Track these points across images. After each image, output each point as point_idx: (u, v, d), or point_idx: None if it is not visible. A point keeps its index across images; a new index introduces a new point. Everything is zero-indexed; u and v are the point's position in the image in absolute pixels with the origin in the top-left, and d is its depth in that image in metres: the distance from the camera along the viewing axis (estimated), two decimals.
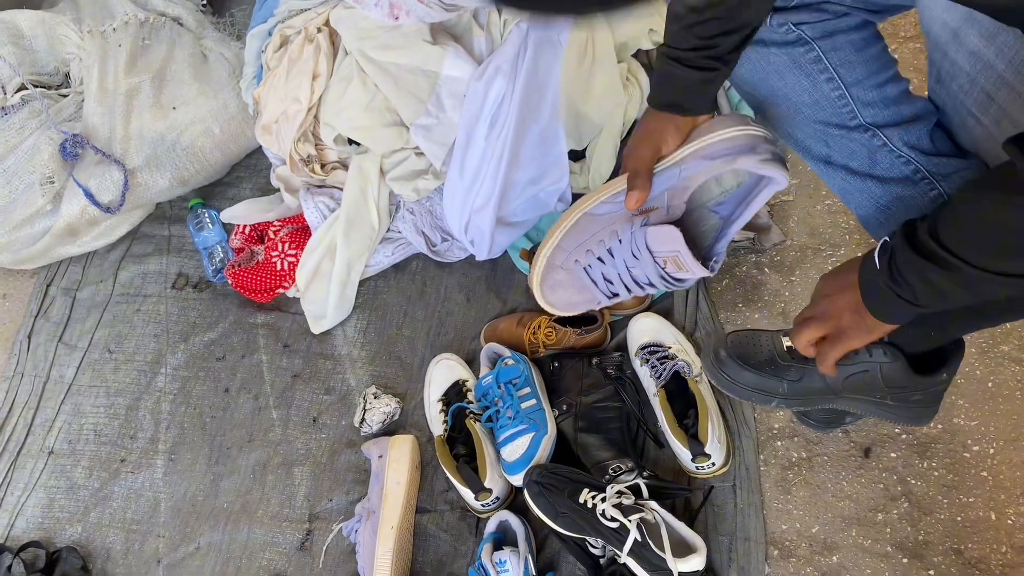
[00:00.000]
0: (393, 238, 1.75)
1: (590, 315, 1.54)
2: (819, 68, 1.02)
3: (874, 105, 1.01)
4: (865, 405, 1.14)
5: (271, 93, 1.71)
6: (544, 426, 1.42)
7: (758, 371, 1.13)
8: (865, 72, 1.00)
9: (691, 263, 1.04)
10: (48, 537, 1.62)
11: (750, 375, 1.13)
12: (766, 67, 1.06)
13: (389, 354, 1.68)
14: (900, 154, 1.02)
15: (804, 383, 1.12)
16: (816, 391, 1.13)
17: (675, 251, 1.04)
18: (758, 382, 1.13)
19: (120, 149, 1.82)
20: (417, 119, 1.64)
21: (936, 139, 1.02)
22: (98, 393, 1.76)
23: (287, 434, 1.63)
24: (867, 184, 1.05)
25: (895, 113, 1.02)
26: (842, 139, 1.04)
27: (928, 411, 1.16)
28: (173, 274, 1.88)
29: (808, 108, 1.04)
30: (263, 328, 1.76)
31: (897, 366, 1.07)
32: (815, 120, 1.05)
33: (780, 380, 1.12)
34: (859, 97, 1.01)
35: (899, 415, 1.16)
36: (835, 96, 1.02)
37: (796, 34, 1.02)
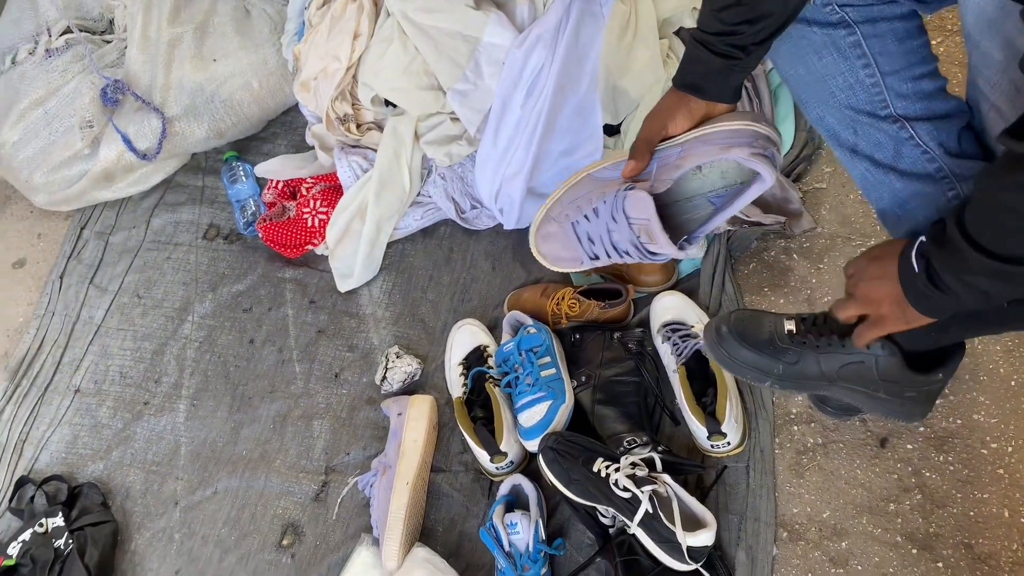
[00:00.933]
0: (423, 202, 1.77)
1: (614, 289, 1.55)
2: (857, 53, 1.02)
3: (907, 97, 1.01)
4: (858, 396, 1.16)
5: (312, 50, 1.72)
6: (562, 395, 1.43)
7: (756, 350, 1.16)
8: (903, 63, 1.00)
9: (659, 234, 1.06)
10: (70, 472, 1.66)
11: (748, 353, 1.16)
12: (806, 46, 1.06)
13: (413, 316, 1.69)
14: (925, 150, 1.02)
15: (799, 367, 1.15)
16: (811, 376, 1.15)
17: (646, 219, 1.06)
18: (755, 360, 1.16)
19: (159, 97, 1.84)
20: (454, 84, 1.64)
21: (964, 140, 1.02)
22: (125, 336, 1.79)
23: (309, 387, 1.65)
24: (889, 177, 1.05)
25: (927, 108, 1.01)
26: (870, 128, 1.04)
27: (920, 409, 1.17)
28: (205, 224, 1.90)
29: (842, 92, 1.04)
30: (291, 283, 1.78)
31: (893, 361, 1.09)
32: (847, 105, 1.05)
33: (777, 361, 1.15)
34: (893, 87, 1.01)
35: (891, 410, 1.17)
36: (870, 83, 1.02)
37: (839, 16, 1.02)
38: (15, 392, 1.76)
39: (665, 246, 1.07)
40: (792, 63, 1.10)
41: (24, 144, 1.84)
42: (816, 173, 1.67)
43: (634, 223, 1.08)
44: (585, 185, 1.16)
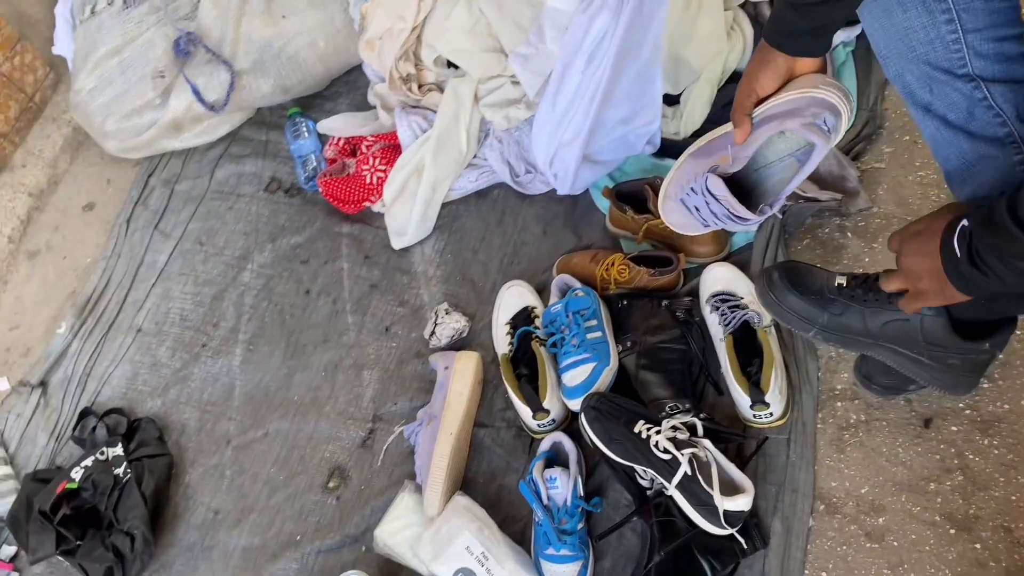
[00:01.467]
0: (478, 165, 1.79)
1: (665, 257, 1.56)
2: (942, 7, 1.01)
3: (987, 57, 1.00)
4: (900, 358, 1.17)
5: (378, 9, 1.75)
6: (607, 357, 1.45)
7: (804, 298, 1.19)
8: (987, 22, 0.99)
9: (738, 207, 1.13)
10: (130, 407, 1.74)
11: (796, 299, 1.19)
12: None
13: (463, 276, 1.73)
14: (998, 113, 1.01)
15: (844, 319, 1.17)
16: (854, 330, 1.17)
17: (725, 197, 1.13)
18: (802, 308, 1.19)
19: (229, 51, 1.89)
20: (517, 47, 1.66)
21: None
22: (187, 281, 1.86)
23: (360, 339, 1.70)
24: (958, 138, 1.05)
25: (1005, 71, 1.00)
26: (946, 86, 1.03)
27: (965, 380, 1.17)
28: (267, 177, 1.95)
29: (922, 47, 1.04)
30: (347, 238, 1.83)
31: (939, 323, 1.09)
32: (926, 61, 1.04)
33: (823, 311, 1.18)
34: (974, 45, 1.00)
35: (935, 377, 1.18)
36: (951, 39, 1.01)
37: None
38: (81, 328, 1.85)
39: (745, 213, 1.13)
40: (877, 16, 1.09)
41: (99, 91, 1.91)
42: (875, 152, 1.66)
43: (721, 199, 1.15)
44: (687, 167, 1.22)
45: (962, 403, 1.39)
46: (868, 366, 1.42)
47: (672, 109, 1.70)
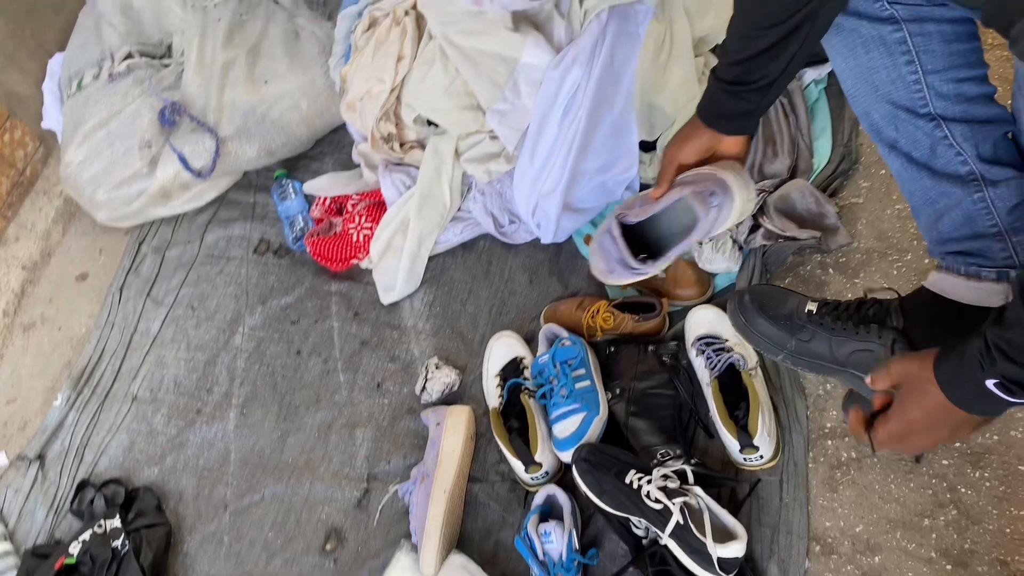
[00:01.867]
0: (463, 217, 1.82)
1: (649, 303, 1.57)
2: (902, 49, 1.04)
3: (947, 98, 1.03)
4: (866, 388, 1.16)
5: (358, 72, 1.79)
6: (596, 407, 1.46)
7: (774, 322, 1.21)
8: (947, 64, 1.01)
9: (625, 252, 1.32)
10: (127, 476, 1.74)
11: (765, 324, 1.21)
12: (856, 39, 1.08)
13: (452, 328, 1.74)
14: (959, 151, 1.03)
15: (811, 345, 1.18)
16: (821, 356, 1.18)
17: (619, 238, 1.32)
18: (771, 332, 1.21)
19: (214, 118, 1.93)
20: (494, 104, 1.69)
21: (1000, 146, 1.03)
22: (180, 347, 1.88)
23: (352, 397, 1.71)
24: (922, 175, 1.07)
25: (965, 111, 1.03)
26: (909, 125, 1.06)
27: None
28: (256, 239, 1.98)
29: (885, 86, 1.07)
30: (336, 296, 1.84)
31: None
32: (889, 100, 1.07)
33: (791, 336, 1.19)
34: (934, 86, 1.03)
35: None
36: (911, 79, 1.04)
37: (889, 12, 1.04)
38: (77, 399, 1.86)
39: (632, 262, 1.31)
40: (843, 56, 1.13)
41: (88, 164, 1.95)
42: (853, 188, 1.68)
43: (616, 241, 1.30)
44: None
45: None
46: (855, 404, 1.42)
47: (649, 155, 1.72)
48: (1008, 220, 1.02)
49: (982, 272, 1.05)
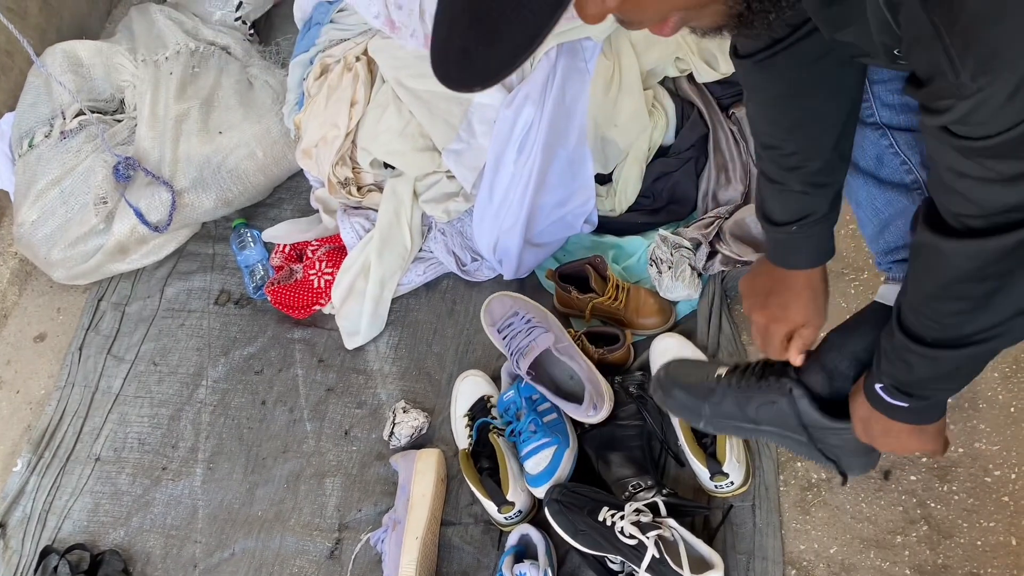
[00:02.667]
0: (425, 258, 1.81)
1: (613, 334, 1.58)
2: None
3: (893, 108, 1.04)
4: (785, 441, 1.17)
5: (311, 119, 1.79)
6: (567, 439, 1.45)
7: (687, 392, 1.23)
8: (893, 74, 1.02)
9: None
10: (92, 540, 1.70)
11: (680, 393, 1.24)
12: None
13: (419, 370, 1.73)
14: (904, 160, 1.05)
15: (723, 407, 1.19)
16: (735, 416, 1.18)
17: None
18: (686, 400, 1.24)
19: (169, 171, 1.91)
20: (449, 144, 1.70)
21: None
22: (143, 404, 1.84)
23: (320, 446, 1.69)
24: (868, 183, 1.09)
25: (910, 120, 1.04)
26: (856, 134, 1.07)
27: (856, 461, 1.15)
28: (216, 291, 1.96)
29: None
30: (299, 343, 1.83)
31: (804, 403, 1.10)
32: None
33: (704, 402, 1.21)
34: (880, 95, 1.04)
35: (819, 459, 1.16)
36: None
37: None
38: (38, 463, 1.81)
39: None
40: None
41: (42, 223, 1.92)
42: None
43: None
44: None
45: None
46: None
47: (606, 187, 1.74)
48: None
49: None
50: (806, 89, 0.97)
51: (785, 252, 1.11)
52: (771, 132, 1.03)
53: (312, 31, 1.87)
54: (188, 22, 2.15)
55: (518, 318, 1.55)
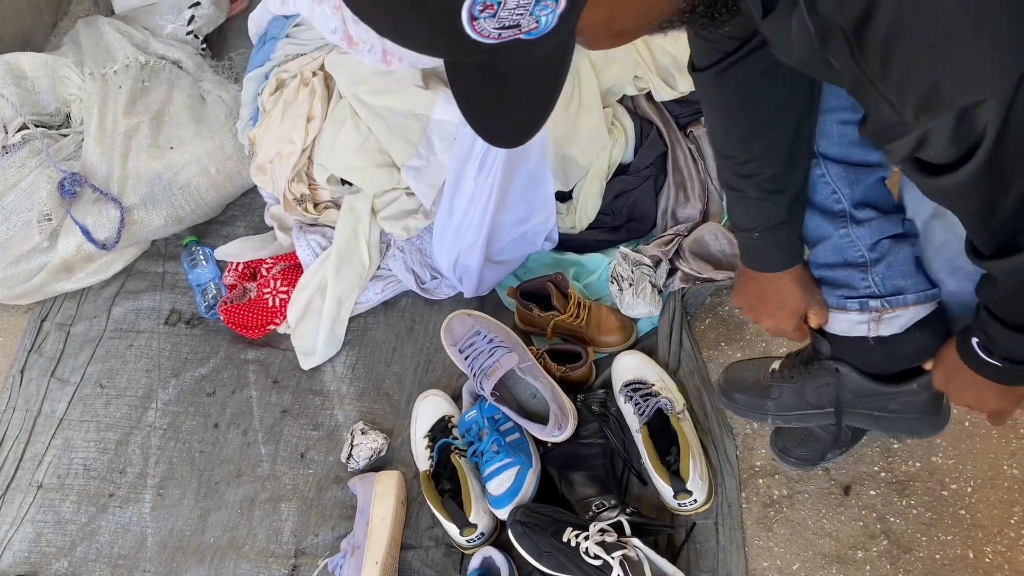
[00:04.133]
0: (383, 276, 1.79)
1: (575, 352, 1.57)
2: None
3: (829, 137, 1.07)
4: (853, 418, 1.23)
5: (266, 134, 1.75)
6: (529, 458, 1.44)
7: (748, 393, 1.29)
8: (833, 105, 1.05)
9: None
10: (34, 572, 1.62)
11: (742, 396, 1.30)
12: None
13: (377, 390, 1.70)
14: (834, 190, 1.08)
15: (784, 399, 1.24)
16: (799, 406, 1.24)
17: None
18: (749, 402, 1.30)
19: (117, 188, 1.86)
20: (408, 160, 1.68)
21: (873, 191, 1.08)
22: (89, 428, 1.78)
23: (275, 469, 1.64)
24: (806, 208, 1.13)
25: (844, 152, 1.07)
26: None
27: (921, 421, 1.21)
28: (166, 310, 1.90)
29: None
30: (253, 364, 1.78)
31: (853, 377, 1.15)
32: None
33: (765, 399, 1.27)
34: (821, 124, 1.07)
35: (889, 427, 1.24)
36: None
37: None
38: None
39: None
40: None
41: None
42: None
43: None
44: None
45: (877, 466, 1.42)
46: (783, 439, 1.44)
47: (566, 205, 1.74)
48: (871, 255, 1.08)
49: (847, 304, 1.11)
50: (758, 100, 1.01)
51: (756, 257, 1.15)
52: (727, 142, 1.08)
53: (267, 45, 1.84)
54: (138, 35, 2.10)
55: (480, 337, 1.53)
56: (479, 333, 1.55)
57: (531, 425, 1.44)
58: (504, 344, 1.51)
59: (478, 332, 1.55)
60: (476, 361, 1.50)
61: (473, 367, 1.50)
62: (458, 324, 1.59)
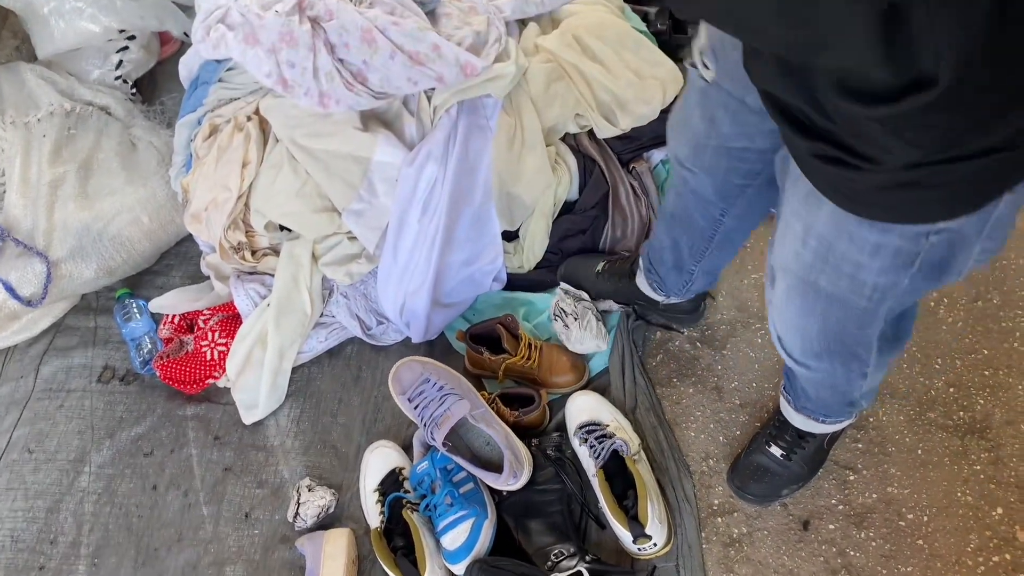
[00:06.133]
0: (327, 323, 1.73)
1: (528, 395, 1.53)
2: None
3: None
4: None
5: (201, 181, 1.70)
6: (485, 510, 1.39)
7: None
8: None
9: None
10: None
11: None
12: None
13: (324, 443, 1.64)
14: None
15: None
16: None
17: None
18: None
19: (43, 241, 1.77)
20: (349, 204, 1.64)
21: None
22: (15, 496, 1.67)
23: (218, 531, 1.56)
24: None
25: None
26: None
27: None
28: (99, 367, 1.81)
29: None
30: (193, 420, 1.70)
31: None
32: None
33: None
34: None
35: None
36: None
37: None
38: None
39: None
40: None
41: None
42: None
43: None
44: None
45: (834, 499, 1.42)
46: (739, 476, 1.43)
47: (513, 244, 1.71)
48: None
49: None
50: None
51: None
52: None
53: (199, 90, 1.79)
54: (63, 82, 2.02)
55: (429, 385, 1.49)
56: (428, 380, 1.50)
57: (486, 475, 1.39)
58: (455, 391, 1.46)
59: (427, 379, 1.51)
60: (426, 410, 1.45)
61: (423, 416, 1.46)
62: (406, 372, 1.54)
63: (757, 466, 1.41)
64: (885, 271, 0.88)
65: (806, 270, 0.95)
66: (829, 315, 1.00)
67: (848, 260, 0.89)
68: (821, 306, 0.99)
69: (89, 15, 1.99)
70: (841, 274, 0.91)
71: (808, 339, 1.07)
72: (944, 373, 1.52)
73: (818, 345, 1.07)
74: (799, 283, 0.98)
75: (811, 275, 0.95)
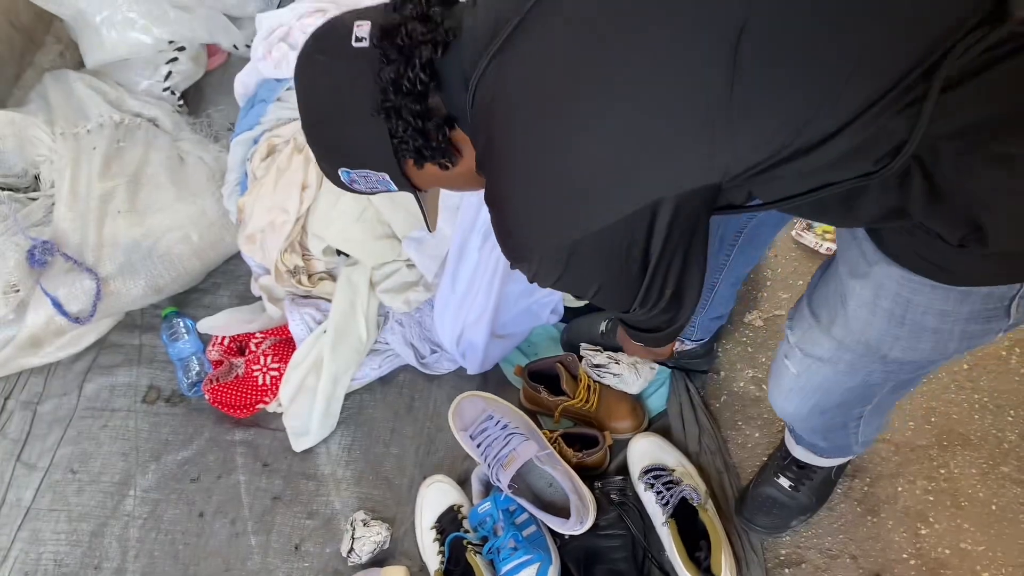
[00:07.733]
0: (380, 350, 1.70)
1: (592, 436, 1.50)
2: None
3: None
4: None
5: (257, 203, 1.66)
6: (548, 555, 1.36)
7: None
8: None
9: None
10: None
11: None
12: None
13: (376, 474, 1.60)
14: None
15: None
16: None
17: None
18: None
19: (92, 256, 1.74)
20: (410, 231, 1.61)
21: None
22: (59, 518, 1.64)
23: (267, 563, 1.53)
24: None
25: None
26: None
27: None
28: (144, 387, 1.78)
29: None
30: (241, 446, 1.67)
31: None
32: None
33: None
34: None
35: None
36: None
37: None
38: None
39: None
40: None
41: None
42: (774, 300, 1.69)
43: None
44: None
45: (906, 552, 1.38)
46: (748, 509, 1.42)
47: None
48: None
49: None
50: None
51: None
52: None
53: (256, 108, 1.76)
54: (111, 92, 1.99)
55: (492, 423, 1.46)
56: (491, 418, 1.47)
57: (552, 519, 1.36)
58: (520, 431, 1.43)
59: (490, 416, 1.47)
60: (490, 449, 1.42)
61: (487, 455, 1.42)
62: (468, 407, 1.51)
63: (766, 497, 1.41)
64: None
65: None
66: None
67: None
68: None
69: (141, 26, 1.96)
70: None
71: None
72: (1017, 426, 1.49)
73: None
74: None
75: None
